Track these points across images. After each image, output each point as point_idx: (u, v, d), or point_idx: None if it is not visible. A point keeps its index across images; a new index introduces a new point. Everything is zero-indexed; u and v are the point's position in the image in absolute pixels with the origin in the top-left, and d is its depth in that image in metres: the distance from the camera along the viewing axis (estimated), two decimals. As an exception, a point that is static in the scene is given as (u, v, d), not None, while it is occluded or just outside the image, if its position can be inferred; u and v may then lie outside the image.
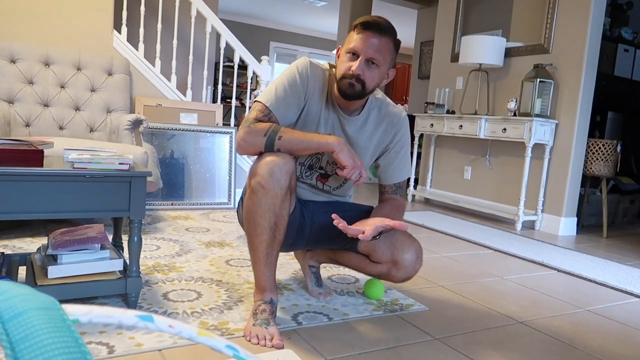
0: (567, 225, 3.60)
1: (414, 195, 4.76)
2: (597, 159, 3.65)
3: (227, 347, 0.32)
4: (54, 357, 0.25)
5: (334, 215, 1.36)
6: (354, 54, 1.42)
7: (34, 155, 1.38)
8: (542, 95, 3.64)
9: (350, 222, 1.59)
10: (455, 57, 4.50)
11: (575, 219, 3.67)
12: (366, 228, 1.36)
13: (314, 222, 1.63)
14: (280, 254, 1.90)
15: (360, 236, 1.34)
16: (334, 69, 1.53)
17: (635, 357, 1.55)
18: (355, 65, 1.41)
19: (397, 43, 1.45)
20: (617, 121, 4.59)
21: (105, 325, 1.39)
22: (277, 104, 1.45)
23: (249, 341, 1.38)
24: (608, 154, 3.64)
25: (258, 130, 1.40)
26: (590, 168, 3.67)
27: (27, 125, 2.84)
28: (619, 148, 3.67)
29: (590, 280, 2.39)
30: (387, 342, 1.48)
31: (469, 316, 1.76)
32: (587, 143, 3.67)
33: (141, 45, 3.49)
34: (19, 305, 0.27)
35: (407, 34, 8.64)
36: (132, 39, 3.83)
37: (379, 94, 1.62)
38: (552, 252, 2.92)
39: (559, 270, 2.53)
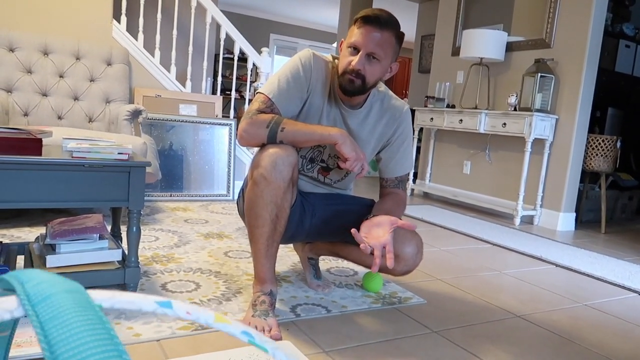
0: (565, 220, 3.61)
1: (413, 189, 4.76)
2: (597, 155, 3.65)
3: (242, 332, 0.33)
4: (80, 332, 0.26)
5: (353, 231, 1.32)
6: (355, 49, 1.41)
7: (32, 144, 1.38)
8: (543, 90, 3.63)
9: (350, 215, 1.59)
10: (456, 51, 4.49)
11: (574, 214, 3.67)
12: (373, 243, 1.33)
13: (314, 214, 1.62)
14: (280, 246, 1.90)
15: (361, 246, 1.32)
16: (336, 61, 1.52)
17: (632, 351, 1.56)
18: (355, 60, 1.40)
19: (399, 36, 1.44)
20: (617, 117, 4.59)
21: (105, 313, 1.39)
22: (279, 95, 1.44)
23: (248, 332, 1.38)
24: (608, 150, 3.64)
25: (260, 122, 1.39)
26: (590, 164, 3.67)
27: (26, 114, 2.82)
28: (618, 144, 3.67)
29: (588, 275, 2.39)
30: (385, 334, 1.48)
31: (467, 310, 1.76)
32: (587, 139, 3.66)
33: (140, 36, 3.47)
34: (47, 289, 0.29)
35: (408, 27, 8.60)
36: (132, 29, 3.80)
37: (382, 87, 1.61)
38: (550, 247, 2.93)
39: (557, 265, 2.53)
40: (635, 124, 4.76)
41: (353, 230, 1.33)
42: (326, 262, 2.13)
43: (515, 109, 3.75)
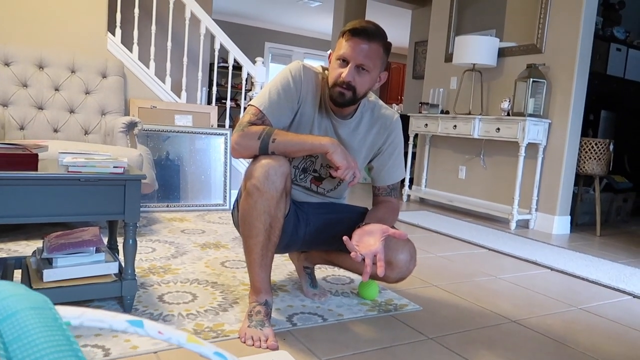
0: (560, 224, 3.63)
1: (409, 195, 4.78)
2: (590, 158, 3.68)
3: (215, 353, 0.33)
4: (46, 355, 0.25)
5: (345, 238, 1.33)
6: (344, 61, 1.43)
7: (28, 159, 1.39)
8: (535, 95, 3.67)
9: (344, 224, 1.60)
10: (449, 57, 4.52)
11: (569, 217, 3.70)
12: (364, 252, 1.33)
13: (308, 223, 1.64)
14: (275, 255, 1.91)
15: (352, 254, 1.32)
16: (326, 72, 1.54)
17: (626, 354, 1.57)
18: (345, 72, 1.42)
19: (387, 46, 1.46)
20: (610, 120, 4.62)
21: (100, 328, 1.40)
22: (270, 107, 1.46)
23: (244, 342, 1.39)
24: (601, 153, 3.67)
25: (252, 134, 1.41)
26: (584, 167, 3.70)
27: (22, 128, 2.84)
28: (611, 147, 3.70)
29: (583, 279, 2.41)
30: (381, 342, 1.49)
31: (462, 315, 1.78)
32: (580, 142, 3.69)
33: (135, 47, 3.50)
34: (12, 306, 0.28)
35: (401, 34, 8.66)
36: (126, 41, 3.83)
37: (372, 96, 1.63)
38: (545, 250, 2.95)
39: (552, 269, 2.55)
40: (628, 126, 4.80)
41: (345, 238, 1.34)
42: (322, 271, 2.14)
43: (508, 114, 3.78)
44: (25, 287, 0.31)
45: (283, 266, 2.16)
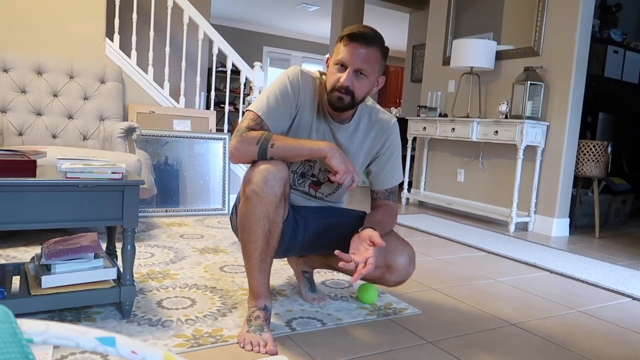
0: (559, 226, 3.63)
1: (408, 199, 4.78)
2: (589, 160, 3.68)
3: None
4: None
5: (337, 252, 1.36)
6: (342, 65, 1.44)
7: (26, 166, 1.39)
8: (533, 98, 3.68)
9: (342, 228, 1.60)
10: (446, 61, 4.54)
11: (568, 219, 3.70)
12: (359, 259, 1.37)
13: (307, 227, 1.64)
14: (274, 259, 1.91)
15: (341, 264, 1.36)
16: (324, 77, 1.55)
17: (626, 357, 1.57)
18: (343, 77, 1.43)
19: (384, 51, 1.47)
20: (608, 122, 4.64)
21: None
22: (268, 112, 1.46)
23: (243, 347, 1.39)
24: (599, 155, 3.67)
25: (250, 139, 1.41)
26: (582, 169, 3.71)
27: (20, 134, 2.84)
28: (609, 149, 3.70)
29: (582, 281, 2.41)
30: (380, 346, 1.49)
31: (462, 319, 1.78)
32: (579, 144, 3.70)
33: (134, 53, 3.50)
34: None
35: (399, 37, 8.69)
36: (125, 47, 3.83)
37: (369, 101, 1.63)
38: (544, 253, 2.95)
39: (551, 272, 2.55)
40: (626, 128, 4.81)
41: (337, 252, 1.36)
42: (321, 275, 2.14)
43: (506, 117, 3.78)
44: None
45: (282, 270, 2.16)
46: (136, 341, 0.30)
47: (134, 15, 3.51)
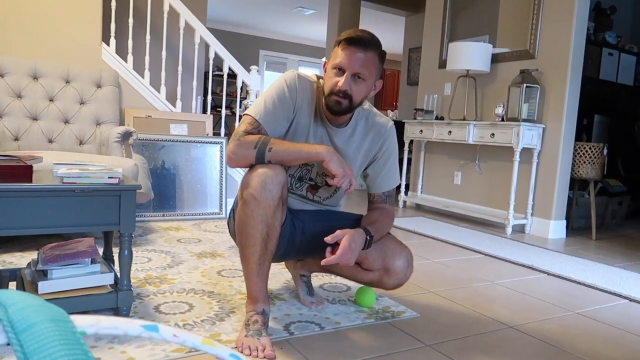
0: (556, 228, 3.64)
1: (405, 201, 4.79)
2: (585, 162, 3.70)
3: (230, 355, 0.33)
4: None
5: (326, 239, 1.41)
6: (340, 70, 1.44)
7: (23, 171, 1.39)
8: (529, 100, 3.69)
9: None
10: (442, 64, 4.55)
11: (565, 221, 3.71)
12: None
13: (305, 231, 1.64)
14: (272, 264, 1.91)
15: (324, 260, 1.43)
16: (321, 80, 1.55)
17: (623, 358, 1.57)
18: (341, 81, 1.43)
19: (382, 55, 1.47)
20: (603, 124, 4.66)
21: (97, 339, 1.39)
22: (266, 117, 1.46)
23: (241, 352, 1.38)
24: (595, 157, 3.69)
25: (248, 143, 1.41)
26: (578, 171, 3.72)
27: (16, 139, 2.83)
28: (605, 151, 3.72)
29: (579, 283, 2.41)
30: (379, 349, 1.49)
31: (460, 322, 1.78)
32: (574, 146, 3.71)
33: (130, 57, 3.50)
34: (31, 317, 0.28)
35: (395, 40, 8.71)
36: (121, 51, 3.83)
37: (366, 104, 1.64)
38: (542, 255, 2.95)
39: (548, 274, 2.55)
40: (621, 129, 4.83)
41: (326, 238, 1.42)
42: (319, 279, 2.14)
43: (502, 120, 3.80)
44: (40, 299, 0.31)
45: (280, 274, 2.16)
46: (176, 328, 0.33)
47: (130, 20, 3.51)
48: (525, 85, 3.62)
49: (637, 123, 5.06)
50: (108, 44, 3.43)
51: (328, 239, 1.41)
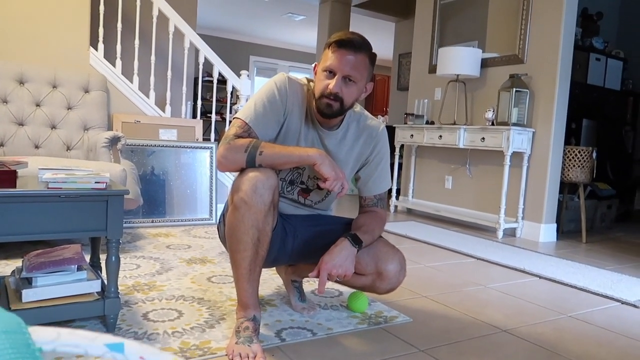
0: (547, 231, 3.65)
1: (396, 206, 4.78)
2: (574, 166, 3.72)
3: None
4: None
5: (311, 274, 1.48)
6: (331, 72, 1.43)
7: (6, 176, 1.35)
8: (519, 105, 3.71)
9: (331, 235, 1.58)
10: (432, 69, 4.56)
11: (555, 225, 3.72)
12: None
13: (296, 236, 1.62)
14: (263, 269, 1.89)
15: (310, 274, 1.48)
16: (312, 83, 1.54)
17: (617, 361, 1.57)
18: (332, 83, 1.42)
19: (372, 57, 1.46)
20: (591, 128, 4.69)
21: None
22: (256, 120, 1.44)
23: (232, 360, 1.36)
24: (584, 161, 3.71)
25: (238, 147, 1.39)
26: (568, 175, 3.74)
27: (2, 145, 2.78)
28: (594, 154, 3.74)
29: (571, 286, 2.42)
30: (372, 355, 1.47)
31: (453, 326, 1.76)
32: (564, 150, 3.74)
33: (118, 62, 3.46)
34: None
35: (385, 46, 8.74)
36: (110, 56, 3.79)
37: (357, 107, 1.62)
38: (533, 258, 2.95)
39: (540, 277, 2.55)
40: (609, 133, 4.88)
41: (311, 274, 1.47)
42: (310, 284, 2.12)
43: (492, 124, 3.81)
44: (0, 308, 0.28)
45: (271, 280, 2.13)
46: (145, 346, 0.30)
47: (119, 24, 3.48)
48: (514, 89, 3.64)
49: (624, 127, 5.11)
50: (96, 49, 3.40)
51: (312, 274, 1.47)
